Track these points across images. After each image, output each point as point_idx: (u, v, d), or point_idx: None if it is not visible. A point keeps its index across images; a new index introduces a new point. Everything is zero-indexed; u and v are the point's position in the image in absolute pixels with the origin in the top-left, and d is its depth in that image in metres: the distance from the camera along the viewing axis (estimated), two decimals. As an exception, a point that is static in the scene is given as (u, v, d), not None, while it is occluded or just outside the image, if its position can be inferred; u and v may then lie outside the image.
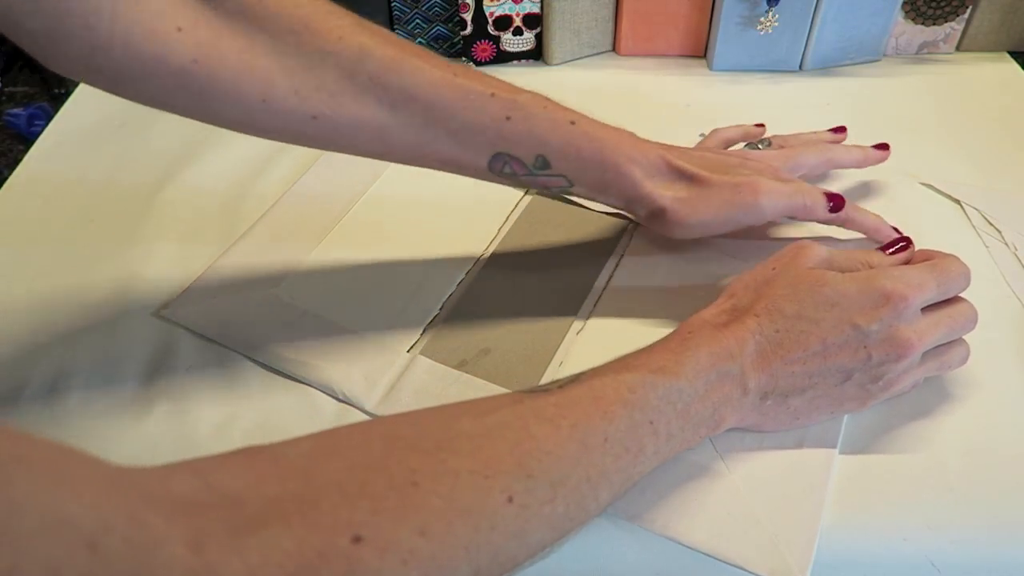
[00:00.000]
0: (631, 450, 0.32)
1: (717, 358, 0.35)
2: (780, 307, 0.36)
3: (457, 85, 0.39)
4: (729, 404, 0.35)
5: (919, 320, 0.37)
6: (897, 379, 0.37)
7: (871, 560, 0.36)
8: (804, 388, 0.37)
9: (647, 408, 0.33)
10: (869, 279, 0.37)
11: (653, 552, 0.36)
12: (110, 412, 0.41)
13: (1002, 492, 0.37)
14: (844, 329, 0.36)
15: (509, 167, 0.41)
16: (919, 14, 0.66)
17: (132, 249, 0.50)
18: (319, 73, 0.38)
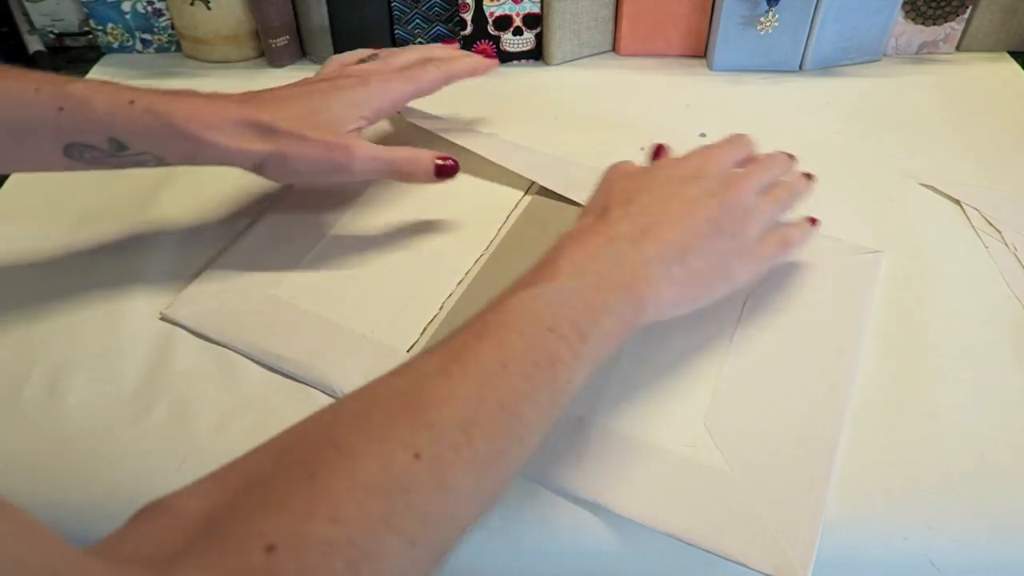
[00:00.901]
0: (541, 364, 0.31)
1: (595, 247, 0.35)
2: (630, 196, 0.39)
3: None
4: (637, 278, 0.35)
5: (735, 163, 0.43)
6: (750, 220, 0.40)
7: (871, 559, 0.36)
8: (693, 246, 0.37)
9: (538, 320, 0.32)
10: (681, 157, 0.42)
11: (653, 550, 0.36)
12: (110, 412, 0.41)
13: (1002, 492, 0.37)
14: (690, 185, 0.39)
15: (88, 153, 0.41)
16: (919, 14, 0.66)
17: (132, 249, 0.50)
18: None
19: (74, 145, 0.41)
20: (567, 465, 0.38)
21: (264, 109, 0.43)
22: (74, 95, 0.40)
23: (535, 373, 0.31)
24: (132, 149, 0.41)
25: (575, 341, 0.32)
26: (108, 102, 0.40)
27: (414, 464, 0.27)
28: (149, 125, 0.40)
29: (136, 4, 0.68)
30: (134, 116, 0.40)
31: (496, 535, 0.37)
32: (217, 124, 0.42)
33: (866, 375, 0.42)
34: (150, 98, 0.41)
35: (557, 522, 0.37)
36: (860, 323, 0.44)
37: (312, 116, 0.44)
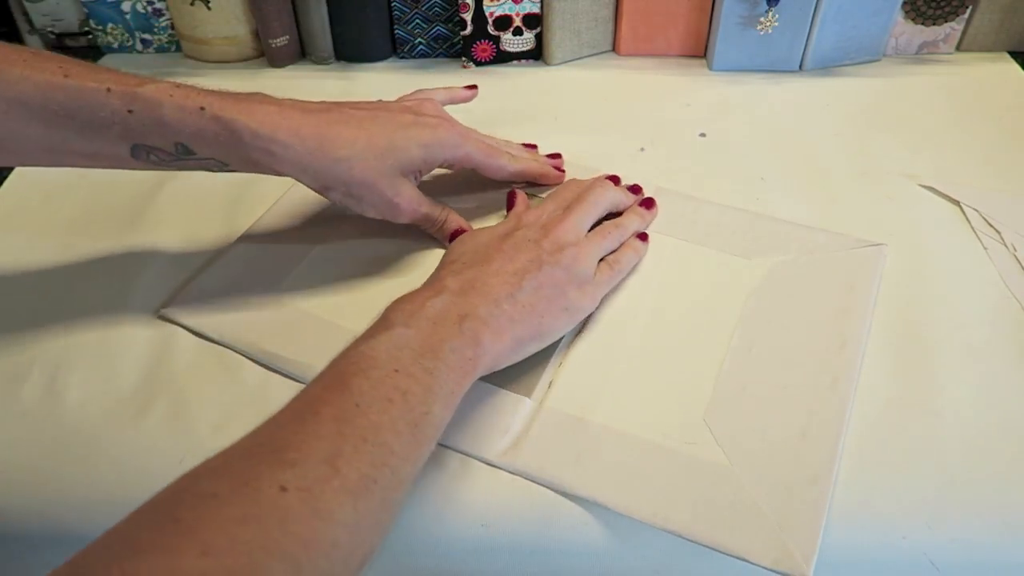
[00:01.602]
0: (394, 399, 0.32)
1: (424, 300, 0.37)
2: (454, 260, 0.42)
3: (68, 86, 0.39)
4: (468, 319, 0.37)
5: (554, 213, 0.46)
6: (579, 252, 0.43)
7: (871, 558, 0.36)
8: (518, 283, 0.40)
9: (379, 364, 0.33)
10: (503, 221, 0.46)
11: (655, 546, 0.36)
12: (109, 412, 0.41)
13: (1002, 491, 0.37)
14: (508, 240, 0.42)
15: (154, 155, 0.41)
16: (919, 14, 0.66)
17: (132, 249, 0.50)
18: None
19: (141, 147, 0.41)
20: (567, 464, 0.38)
21: (336, 125, 0.43)
22: (144, 97, 0.39)
23: (389, 408, 0.32)
24: (199, 155, 0.41)
25: (422, 377, 0.33)
26: (178, 107, 0.40)
27: (282, 495, 0.27)
28: (217, 134, 0.40)
29: (136, 4, 0.68)
30: (202, 124, 0.40)
31: (496, 535, 0.37)
32: (282, 138, 0.41)
33: (866, 375, 0.42)
34: (221, 105, 0.40)
35: (558, 520, 0.37)
36: (863, 317, 0.44)
37: (381, 144, 0.43)
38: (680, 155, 0.58)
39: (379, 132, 0.43)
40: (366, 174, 0.43)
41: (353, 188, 0.43)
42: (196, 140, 0.40)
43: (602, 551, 0.36)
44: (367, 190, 0.44)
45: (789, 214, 0.52)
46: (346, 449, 0.29)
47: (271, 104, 0.42)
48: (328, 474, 0.28)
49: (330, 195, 0.44)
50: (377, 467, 0.30)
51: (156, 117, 0.39)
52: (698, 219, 0.51)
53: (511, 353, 0.39)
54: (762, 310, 0.45)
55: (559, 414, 0.40)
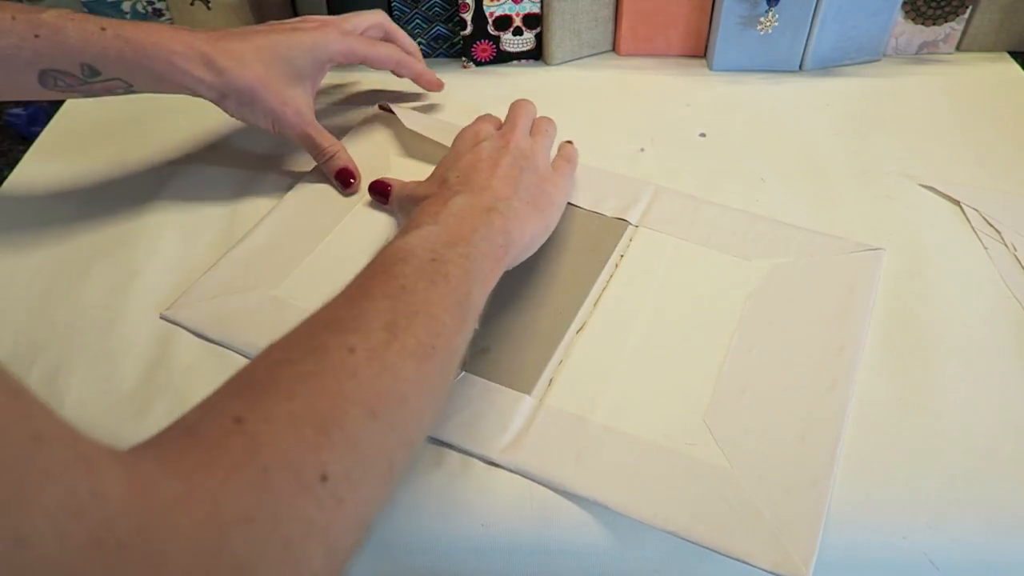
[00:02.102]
0: (436, 281, 0.34)
1: (443, 201, 0.40)
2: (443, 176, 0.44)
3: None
4: (492, 214, 0.39)
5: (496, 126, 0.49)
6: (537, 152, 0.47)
7: (871, 558, 0.36)
8: (513, 188, 0.42)
9: (417, 254, 0.35)
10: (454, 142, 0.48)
11: (654, 547, 0.36)
12: (109, 412, 0.41)
13: (1002, 491, 0.37)
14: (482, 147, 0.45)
15: (62, 81, 0.44)
16: (919, 14, 0.66)
17: (132, 249, 0.50)
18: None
19: (48, 72, 0.43)
20: (567, 463, 0.38)
21: (224, 39, 0.47)
22: (49, 22, 0.42)
23: (433, 288, 0.34)
24: (104, 74, 0.44)
25: (460, 261, 0.36)
26: (81, 28, 0.43)
27: (351, 356, 0.29)
28: (121, 50, 0.43)
29: (136, 4, 0.68)
30: (106, 42, 0.43)
31: (496, 535, 0.37)
32: (183, 51, 0.45)
33: (866, 375, 0.42)
34: (120, 25, 0.44)
35: (557, 521, 0.37)
36: (861, 320, 0.44)
37: (265, 52, 0.48)
38: (680, 155, 0.58)
39: (264, 41, 0.48)
40: (254, 80, 0.47)
41: (244, 96, 0.47)
42: (101, 59, 0.43)
43: (601, 551, 0.36)
44: (255, 96, 0.48)
45: (789, 214, 0.52)
46: (400, 320, 0.31)
47: (168, 27, 0.46)
48: (389, 339, 0.30)
49: (225, 105, 0.48)
50: (432, 336, 0.32)
51: (61, 40, 0.42)
52: (698, 219, 0.51)
53: (530, 244, 0.42)
54: (762, 312, 0.45)
55: (559, 412, 0.40)
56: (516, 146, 0.46)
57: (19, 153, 0.58)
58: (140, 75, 0.45)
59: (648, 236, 0.50)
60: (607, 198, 0.53)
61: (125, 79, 0.45)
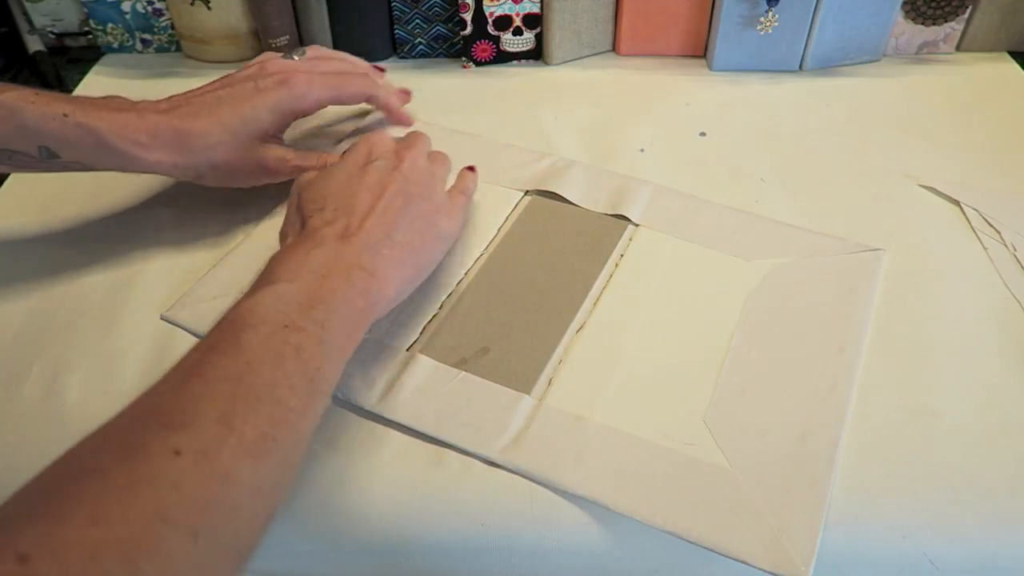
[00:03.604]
0: (286, 355, 0.31)
1: (305, 252, 0.36)
2: (320, 203, 0.40)
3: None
4: (354, 269, 0.36)
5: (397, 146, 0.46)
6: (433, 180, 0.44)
7: (870, 558, 0.36)
8: (393, 222, 0.40)
9: (268, 319, 0.32)
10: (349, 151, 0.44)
11: (653, 547, 0.36)
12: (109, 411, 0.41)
13: (1002, 491, 0.37)
14: (368, 172, 0.42)
15: (17, 159, 0.43)
16: (919, 14, 0.66)
17: (132, 249, 0.50)
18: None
19: (4, 151, 0.42)
20: (566, 463, 0.38)
21: (188, 119, 0.45)
22: (6, 105, 0.41)
23: (282, 364, 0.31)
24: (63, 158, 0.43)
25: (314, 330, 0.33)
26: (40, 113, 0.41)
27: (175, 460, 0.26)
28: (81, 138, 0.42)
29: (136, 4, 0.68)
30: (66, 129, 0.42)
31: (496, 535, 0.37)
32: (143, 140, 0.43)
33: (866, 375, 0.42)
34: (83, 111, 0.42)
35: (557, 521, 0.37)
36: (861, 321, 0.44)
37: (231, 121, 0.46)
38: (680, 155, 0.58)
39: (228, 112, 0.46)
40: (228, 155, 0.46)
41: (222, 171, 0.47)
42: (59, 144, 0.42)
43: (601, 551, 0.36)
44: (235, 168, 0.47)
45: (789, 214, 0.52)
46: (240, 408, 0.28)
47: (129, 110, 0.44)
48: (223, 434, 0.27)
49: (204, 181, 0.47)
50: (275, 424, 0.29)
51: (19, 122, 0.41)
52: (698, 219, 0.51)
53: (398, 295, 0.39)
54: (761, 312, 0.45)
55: (559, 412, 0.40)
56: (411, 167, 0.43)
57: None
58: (102, 161, 0.44)
59: (648, 236, 0.50)
60: (607, 197, 0.53)
61: (85, 163, 0.43)
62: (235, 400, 0.28)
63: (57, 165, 0.43)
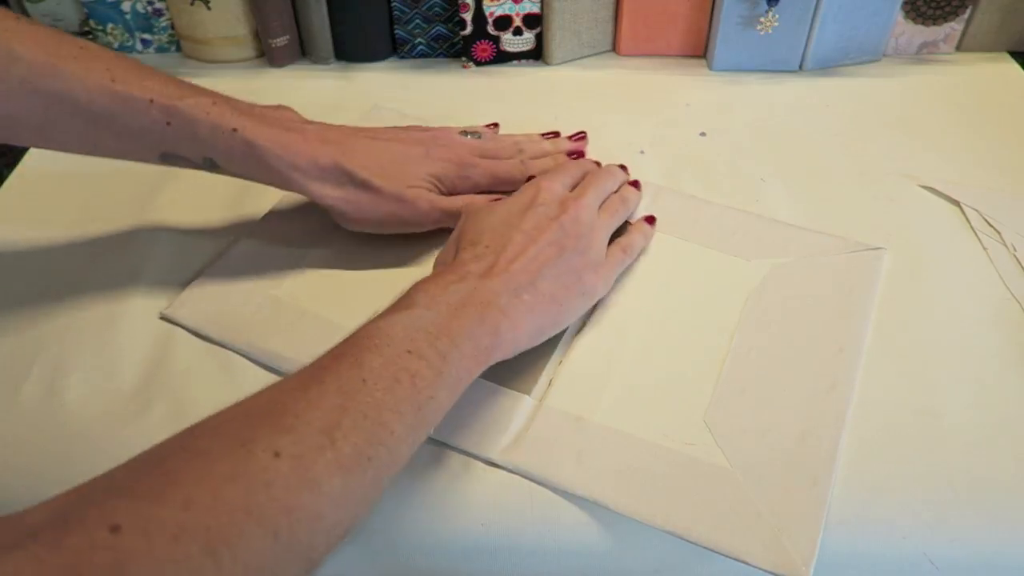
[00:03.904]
0: (402, 380, 0.32)
1: (447, 283, 0.37)
2: (476, 237, 0.41)
3: (114, 92, 0.40)
4: (490, 307, 0.37)
5: (569, 192, 0.45)
6: (594, 235, 0.43)
7: (870, 558, 0.36)
8: (539, 270, 0.40)
9: (396, 341, 0.33)
10: (519, 191, 0.44)
11: (653, 547, 0.36)
12: (108, 412, 0.41)
13: (1002, 491, 0.37)
14: (529, 215, 0.42)
15: (182, 163, 0.43)
16: (919, 14, 0.66)
17: (132, 249, 0.50)
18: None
19: (170, 155, 0.43)
20: (567, 463, 0.38)
21: (351, 157, 0.45)
22: (184, 113, 0.41)
23: (396, 388, 0.31)
24: (223, 169, 0.44)
25: (435, 360, 0.33)
26: (213, 126, 0.42)
27: (274, 461, 0.27)
28: (245, 155, 0.43)
29: (136, 4, 0.68)
30: (233, 145, 0.42)
31: (496, 535, 0.37)
32: (304, 166, 0.44)
33: (866, 375, 0.42)
34: (253, 128, 0.43)
35: (557, 520, 0.37)
36: (862, 321, 0.44)
37: (392, 170, 0.46)
38: (680, 155, 0.58)
39: (388, 161, 0.46)
40: (367, 187, 0.45)
41: (357, 198, 0.46)
42: (224, 157, 0.43)
43: (601, 552, 0.36)
44: (372, 200, 0.46)
45: (789, 214, 0.52)
46: (345, 422, 0.29)
47: (297, 132, 0.45)
48: (323, 444, 0.28)
49: (339, 218, 0.47)
50: (373, 445, 0.30)
51: (191, 133, 0.42)
52: (698, 219, 0.51)
53: (527, 341, 0.39)
54: (761, 312, 0.45)
55: (559, 413, 0.40)
56: (572, 220, 0.42)
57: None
58: (261, 177, 0.44)
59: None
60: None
61: (244, 176, 0.44)
62: (343, 414, 0.29)
63: (216, 172, 0.44)
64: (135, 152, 0.43)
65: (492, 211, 0.43)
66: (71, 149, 0.43)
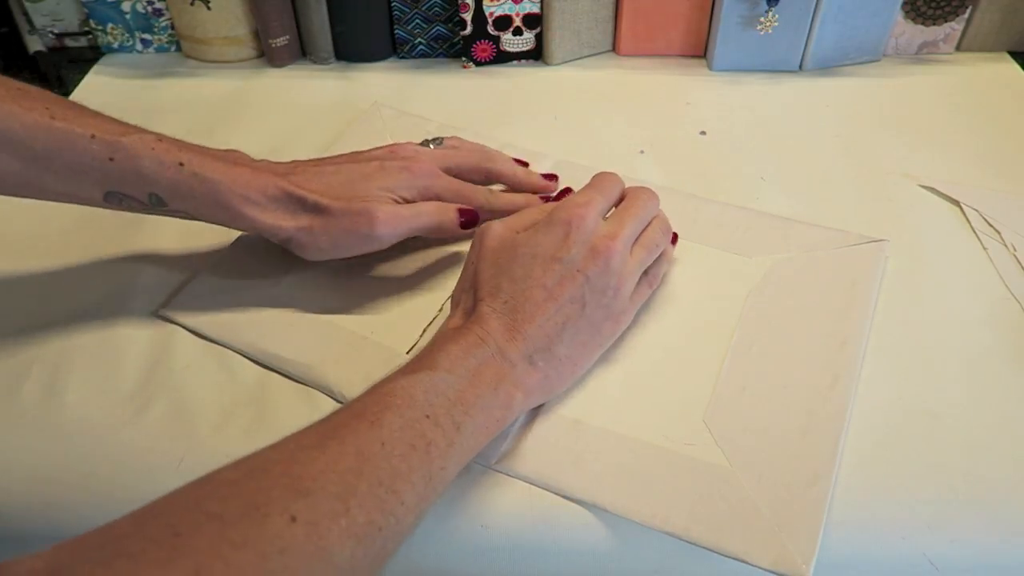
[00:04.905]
0: (417, 447, 0.31)
1: (469, 346, 0.36)
2: (496, 285, 0.39)
3: (55, 129, 0.39)
4: (505, 380, 0.36)
5: (604, 225, 0.41)
6: (622, 283, 0.40)
7: (870, 559, 0.36)
8: (558, 333, 0.38)
9: (415, 405, 0.33)
10: (549, 219, 0.40)
11: (654, 547, 0.36)
12: (108, 411, 0.41)
13: (1002, 492, 0.37)
14: (553, 268, 0.39)
15: (126, 202, 0.42)
16: (919, 14, 0.66)
17: (132, 249, 0.50)
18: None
19: (114, 193, 0.41)
20: (567, 465, 0.38)
21: (302, 183, 0.43)
22: (127, 149, 0.40)
23: (411, 455, 0.31)
24: (170, 206, 0.42)
25: (450, 430, 0.33)
26: (157, 161, 0.40)
27: (290, 526, 0.26)
28: (193, 189, 0.41)
29: (136, 4, 0.68)
30: (180, 179, 0.41)
31: (496, 535, 0.37)
32: (255, 198, 0.42)
33: (866, 375, 0.42)
34: (200, 162, 0.41)
35: (557, 521, 0.37)
36: (864, 314, 0.44)
37: (342, 190, 0.44)
38: (680, 155, 0.58)
39: (340, 182, 0.44)
40: (320, 209, 0.43)
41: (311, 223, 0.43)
42: (170, 194, 0.41)
43: (601, 552, 0.36)
44: (326, 222, 0.43)
45: (789, 213, 0.52)
46: (361, 489, 0.29)
47: (245, 165, 0.43)
48: (338, 512, 0.28)
49: (297, 248, 0.44)
50: (385, 514, 0.29)
51: (135, 168, 0.40)
52: (698, 218, 0.51)
53: (539, 401, 0.39)
54: (762, 308, 0.45)
55: (557, 416, 0.40)
56: (600, 272, 0.39)
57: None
58: (209, 214, 0.42)
59: None
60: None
61: (191, 213, 0.42)
62: (359, 479, 0.29)
63: (162, 212, 0.43)
64: (78, 192, 0.41)
65: (515, 252, 0.40)
66: (12, 192, 0.42)
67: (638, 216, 0.42)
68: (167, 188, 0.41)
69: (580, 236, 0.39)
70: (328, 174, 0.44)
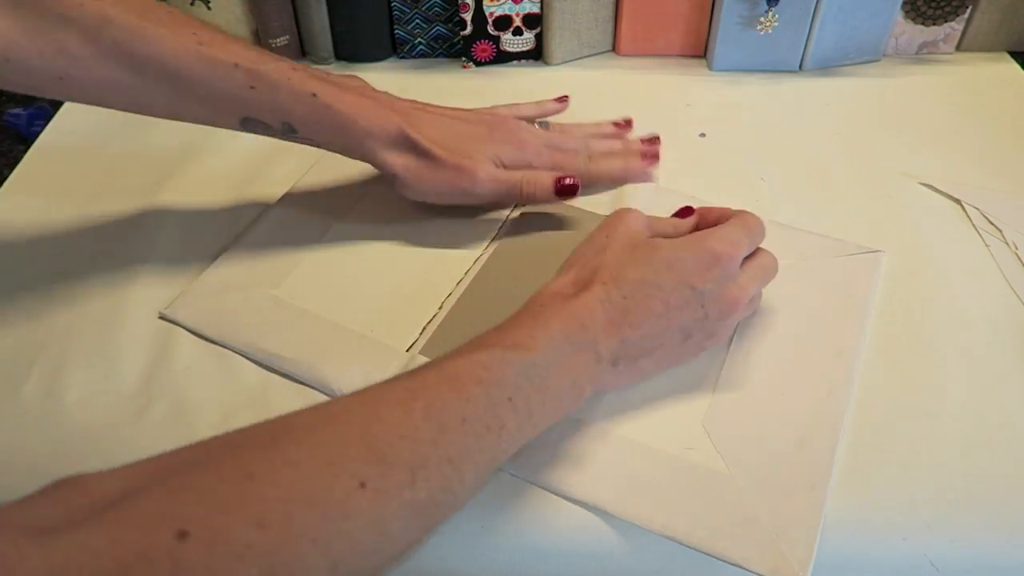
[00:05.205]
0: (492, 428, 0.31)
1: (569, 329, 0.36)
2: (623, 273, 0.38)
3: (202, 55, 0.41)
4: (585, 373, 0.36)
5: (740, 275, 0.40)
6: (724, 335, 0.40)
7: (870, 560, 0.36)
8: (652, 350, 0.38)
9: (504, 385, 0.32)
10: (699, 241, 0.39)
11: (652, 550, 0.36)
12: (109, 411, 0.41)
13: (1002, 492, 0.37)
14: (683, 291, 0.38)
15: (261, 128, 0.45)
16: (919, 14, 0.66)
17: (132, 248, 0.50)
18: (60, 37, 0.39)
19: (251, 120, 0.44)
20: (567, 468, 0.38)
21: (416, 127, 0.46)
22: (267, 78, 0.42)
23: (485, 436, 0.31)
24: (300, 134, 0.45)
25: (523, 415, 0.33)
26: (293, 91, 0.43)
27: (358, 492, 0.26)
28: (322, 120, 0.44)
29: (136, 4, 0.68)
30: (313, 110, 0.43)
31: (496, 535, 0.37)
32: (376, 133, 0.45)
33: (866, 375, 0.42)
34: (332, 94, 0.44)
35: (557, 523, 0.37)
36: (860, 324, 0.44)
37: (453, 143, 0.47)
38: (680, 155, 0.58)
39: (452, 135, 0.47)
40: (430, 156, 0.46)
41: (420, 167, 0.46)
42: (301, 122, 0.44)
43: (600, 554, 0.36)
44: (433, 169, 0.46)
45: (789, 214, 0.52)
46: (432, 463, 0.29)
47: (371, 98, 0.46)
48: (407, 482, 0.28)
49: (401, 187, 0.47)
50: (445, 491, 0.29)
51: (272, 98, 0.43)
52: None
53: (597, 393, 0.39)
54: (760, 315, 0.45)
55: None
56: (716, 319, 0.39)
57: (19, 153, 0.58)
58: (334, 143, 0.46)
59: None
60: (607, 199, 0.53)
61: (318, 142, 0.45)
62: (434, 450, 0.29)
63: (292, 139, 0.45)
64: (218, 117, 0.44)
65: (653, 253, 0.39)
66: (156, 113, 0.44)
67: (766, 280, 0.42)
68: (300, 118, 0.43)
69: (721, 275, 0.38)
70: (444, 126, 0.47)
